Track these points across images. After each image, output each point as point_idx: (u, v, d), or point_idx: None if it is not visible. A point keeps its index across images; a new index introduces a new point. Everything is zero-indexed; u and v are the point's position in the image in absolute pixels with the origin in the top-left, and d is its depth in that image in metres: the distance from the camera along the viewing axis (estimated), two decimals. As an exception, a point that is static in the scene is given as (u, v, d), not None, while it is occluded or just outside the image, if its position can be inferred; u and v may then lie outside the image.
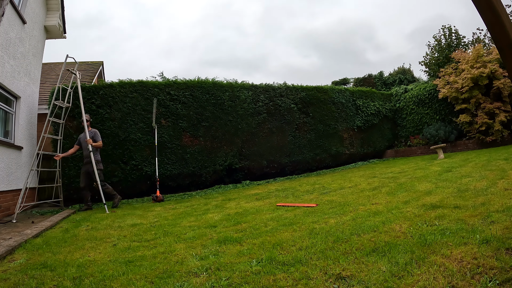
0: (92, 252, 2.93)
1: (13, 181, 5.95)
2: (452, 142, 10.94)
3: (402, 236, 2.37)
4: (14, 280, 2.26)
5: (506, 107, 9.52)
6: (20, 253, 3.07)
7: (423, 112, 12.10)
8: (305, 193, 5.59)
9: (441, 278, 1.63)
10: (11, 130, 6.30)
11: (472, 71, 9.67)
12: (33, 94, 7.35)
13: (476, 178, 4.49)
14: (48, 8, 8.03)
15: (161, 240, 3.20)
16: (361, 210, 3.52)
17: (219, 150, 8.56)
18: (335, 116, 10.84)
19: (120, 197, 6.53)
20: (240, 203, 5.28)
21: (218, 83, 8.83)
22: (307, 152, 10.07)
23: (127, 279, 2.12)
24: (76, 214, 5.60)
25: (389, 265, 1.86)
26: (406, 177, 5.71)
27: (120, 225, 4.26)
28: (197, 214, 4.62)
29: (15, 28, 6.14)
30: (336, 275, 1.83)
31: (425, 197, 3.70)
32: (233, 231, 3.27)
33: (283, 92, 9.84)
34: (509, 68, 1.48)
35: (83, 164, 6.41)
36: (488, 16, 1.42)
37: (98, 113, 7.30)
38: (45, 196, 7.84)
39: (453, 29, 13.15)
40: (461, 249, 1.95)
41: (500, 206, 2.76)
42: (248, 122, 9.00)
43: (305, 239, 2.63)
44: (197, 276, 2.08)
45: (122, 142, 7.42)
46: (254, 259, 2.27)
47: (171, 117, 8.02)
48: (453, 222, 2.54)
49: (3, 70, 5.71)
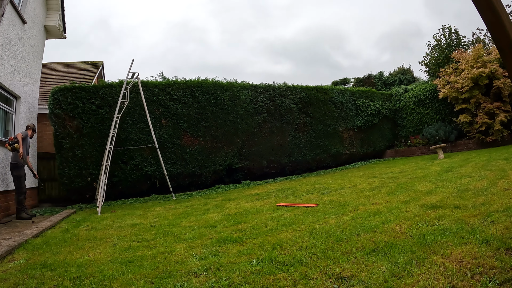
0: (92, 252, 2.93)
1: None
2: (452, 142, 10.94)
3: (402, 236, 2.37)
4: (14, 280, 2.26)
5: (506, 107, 9.52)
6: (20, 253, 3.07)
7: (423, 112, 12.10)
8: (305, 193, 5.59)
9: (441, 278, 1.63)
10: (11, 130, 6.30)
11: (472, 71, 9.66)
12: (33, 94, 7.35)
13: (476, 178, 4.49)
14: (48, 8, 8.04)
15: (161, 240, 3.20)
16: (361, 210, 3.52)
17: (219, 150, 8.55)
18: (335, 116, 10.84)
19: (28, 216, 5.25)
20: (240, 203, 5.28)
21: (218, 83, 8.83)
22: (307, 152, 10.07)
23: (127, 279, 2.12)
24: (76, 214, 5.60)
25: (389, 265, 1.86)
26: (406, 177, 5.71)
27: (120, 225, 4.26)
28: (197, 214, 4.62)
29: (15, 28, 6.14)
30: (336, 275, 1.83)
31: (425, 197, 3.70)
32: (233, 231, 3.27)
33: (283, 92, 9.84)
34: (509, 68, 1.48)
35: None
36: (488, 16, 1.42)
37: (98, 113, 7.30)
38: (45, 196, 7.86)
39: (453, 29, 13.15)
40: (461, 249, 1.95)
41: (500, 206, 2.76)
42: (248, 122, 9.00)
43: (305, 239, 2.63)
44: (197, 276, 2.08)
45: (122, 142, 7.42)
46: (254, 259, 2.27)
47: (171, 117, 8.01)
48: (453, 222, 2.54)
49: (3, 70, 5.71)
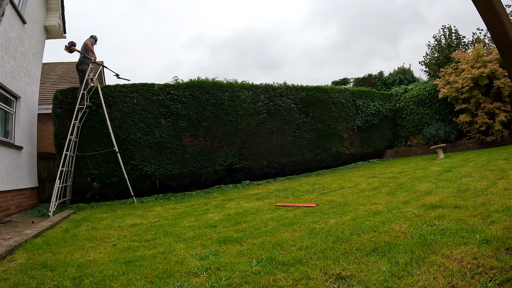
0: (92, 252, 2.93)
1: (13, 181, 5.95)
2: (452, 142, 10.94)
3: (402, 236, 2.37)
4: (14, 280, 2.26)
5: (506, 107, 9.52)
6: (20, 253, 3.07)
7: (423, 112, 12.10)
8: (305, 193, 5.59)
9: (441, 278, 1.63)
10: (11, 130, 6.30)
11: (472, 71, 9.66)
12: (33, 94, 7.35)
13: (476, 178, 4.49)
14: (48, 8, 8.04)
15: (161, 240, 3.20)
16: (361, 210, 3.52)
17: (219, 150, 8.56)
18: (335, 116, 10.84)
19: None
20: (240, 203, 5.28)
21: (218, 83, 8.83)
22: (307, 152, 10.07)
23: (127, 279, 2.13)
24: (76, 214, 5.60)
25: (389, 265, 1.86)
26: (406, 177, 5.71)
27: (120, 225, 4.26)
28: (197, 214, 4.62)
29: (15, 28, 6.14)
30: (336, 275, 1.83)
31: (425, 197, 3.70)
32: (233, 231, 3.27)
33: (283, 92, 9.84)
34: (509, 68, 1.48)
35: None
36: (488, 16, 1.42)
37: (98, 113, 7.30)
38: (45, 196, 7.85)
39: (453, 29, 13.16)
40: (461, 249, 1.95)
41: (500, 206, 2.76)
42: (248, 122, 9.00)
43: (305, 239, 2.63)
44: (197, 276, 2.08)
45: (122, 142, 7.42)
46: (254, 259, 2.27)
47: (171, 117, 8.01)
48: (453, 222, 2.54)
49: (3, 70, 5.71)
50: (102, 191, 7.29)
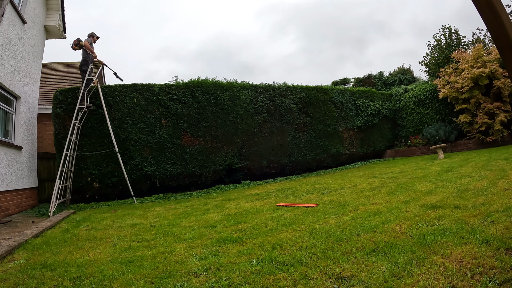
0: (92, 252, 2.93)
1: (13, 181, 5.95)
2: (452, 142, 10.94)
3: (402, 236, 2.37)
4: (14, 280, 2.26)
5: (506, 107, 9.52)
6: (20, 253, 3.07)
7: (423, 112, 12.10)
8: (305, 193, 5.59)
9: (441, 278, 1.63)
10: (11, 130, 6.30)
11: (472, 71, 9.66)
12: (33, 94, 7.35)
13: (476, 178, 4.49)
14: (48, 8, 8.04)
15: (161, 240, 3.20)
16: (361, 210, 3.52)
17: (219, 150, 8.56)
18: (335, 116, 10.84)
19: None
20: (240, 203, 5.28)
21: (218, 83, 8.83)
22: (307, 152, 10.07)
23: (127, 279, 2.13)
24: (76, 214, 5.60)
25: (389, 265, 1.86)
26: (406, 177, 5.71)
27: (120, 225, 4.26)
28: (197, 214, 4.62)
29: (15, 28, 6.14)
30: (336, 275, 1.83)
31: (425, 197, 3.70)
32: (233, 231, 3.27)
33: (283, 92, 9.84)
34: (509, 68, 1.48)
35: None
36: (488, 16, 1.42)
37: (98, 113, 7.30)
38: (45, 196, 7.86)
39: (453, 29, 13.16)
40: (461, 249, 1.95)
41: (500, 206, 2.76)
42: (248, 122, 9.00)
43: (305, 239, 2.63)
44: (197, 276, 2.08)
45: (122, 142, 7.42)
46: (254, 259, 2.27)
47: (171, 117, 8.01)
48: (453, 222, 2.54)
49: (3, 70, 5.71)
50: (102, 191, 7.29)
